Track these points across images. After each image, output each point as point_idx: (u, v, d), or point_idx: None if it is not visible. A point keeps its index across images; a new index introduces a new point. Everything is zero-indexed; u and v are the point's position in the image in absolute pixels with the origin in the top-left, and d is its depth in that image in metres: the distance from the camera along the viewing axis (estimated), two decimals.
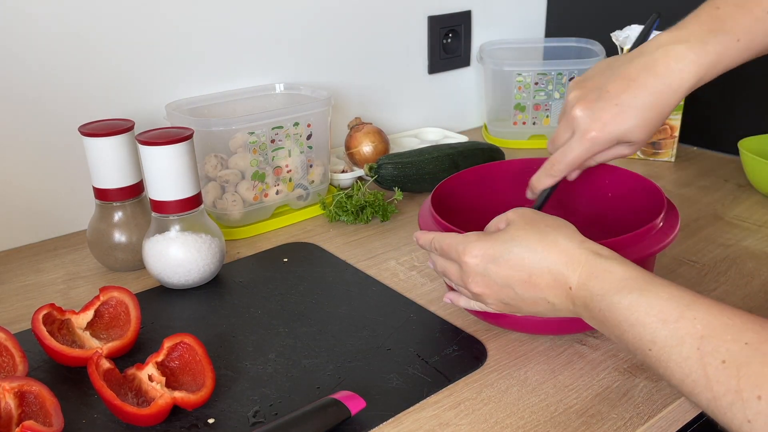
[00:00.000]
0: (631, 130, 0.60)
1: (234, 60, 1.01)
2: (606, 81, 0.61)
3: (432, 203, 0.69)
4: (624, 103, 0.60)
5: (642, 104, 0.59)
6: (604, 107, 0.60)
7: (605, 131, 0.60)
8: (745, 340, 0.41)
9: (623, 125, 0.60)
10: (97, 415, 0.57)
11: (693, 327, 0.44)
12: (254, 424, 0.55)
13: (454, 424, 0.55)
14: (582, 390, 0.59)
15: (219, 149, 0.87)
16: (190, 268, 0.74)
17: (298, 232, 0.91)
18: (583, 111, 0.61)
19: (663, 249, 0.61)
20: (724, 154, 1.16)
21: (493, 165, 0.80)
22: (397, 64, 1.21)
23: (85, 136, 0.75)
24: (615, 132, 0.61)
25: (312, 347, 0.65)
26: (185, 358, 0.60)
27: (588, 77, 0.64)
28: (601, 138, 0.61)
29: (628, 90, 0.59)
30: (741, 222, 0.90)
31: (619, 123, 0.60)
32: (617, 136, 0.61)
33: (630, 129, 0.60)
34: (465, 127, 1.36)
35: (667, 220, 0.64)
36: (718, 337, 0.42)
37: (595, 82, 0.62)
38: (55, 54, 0.85)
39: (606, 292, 0.50)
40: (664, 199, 0.66)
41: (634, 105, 0.59)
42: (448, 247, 0.59)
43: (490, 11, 1.31)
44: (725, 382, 0.41)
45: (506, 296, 0.56)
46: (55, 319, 0.65)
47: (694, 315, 0.44)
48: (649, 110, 0.60)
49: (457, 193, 0.75)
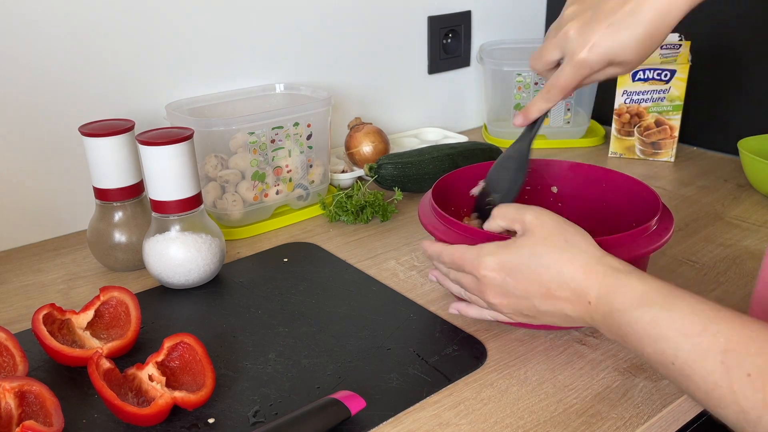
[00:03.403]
0: (621, 53, 0.58)
1: (234, 60, 1.01)
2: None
3: (433, 196, 0.69)
4: (617, 23, 0.57)
5: (635, 25, 0.57)
6: (596, 28, 0.58)
7: (594, 53, 0.58)
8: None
9: (613, 47, 0.58)
10: (97, 415, 0.57)
11: (716, 340, 0.43)
12: (254, 424, 0.55)
13: (453, 424, 0.55)
14: (582, 390, 0.59)
15: (219, 149, 0.87)
16: (190, 268, 0.74)
17: (298, 232, 0.91)
18: (574, 30, 0.59)
19: (655, 251, 0.61)
20: (724, 154, 1.16)
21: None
22: (397, 64, 1.21)
23: (85, 136, 0.75)
24: (604, 54, 0.59)
25: (312, 347, 0.65)
26: (185, 358, 0.60)
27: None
28: (590, 60, 0.59)
29: (622, 9, 0.57)
30: (741, 222, 0.90)
31: (610, 45, 0.58)
32: (607, 58, 0.59)
33: (620, 52, 0.58)
34: (465, 127, 1.36)
35: (661, 223, 0.64)
36: (742, 350, 0.42)
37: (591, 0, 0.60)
38: (55, 54, 0.85)
39: (627, 307, 0.49)
40: (660, 203, 0.66)
41: (627, 25, 0.57)
42: (461, 260, 0.58)
43: (490, 11, 1.31)
44: (752, 396, 0.41)
45: (524, 308, 0.56)
46: (56, 319, 0.65)
47: (716, 328, 0.44)
48: (643, 33, 0.57)
49: (458, 188, 0.76)
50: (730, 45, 1.11)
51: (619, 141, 1.14)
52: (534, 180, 0.78)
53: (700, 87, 1.15)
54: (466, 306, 0.64)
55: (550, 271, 0.54)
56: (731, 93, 1.13)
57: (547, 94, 0.63)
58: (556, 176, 0.79)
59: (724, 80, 1.14)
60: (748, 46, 1.09)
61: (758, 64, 1.09)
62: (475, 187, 0.73)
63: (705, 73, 1.14)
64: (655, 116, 1.10)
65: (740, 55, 1.10)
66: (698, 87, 1.13)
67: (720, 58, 1.13)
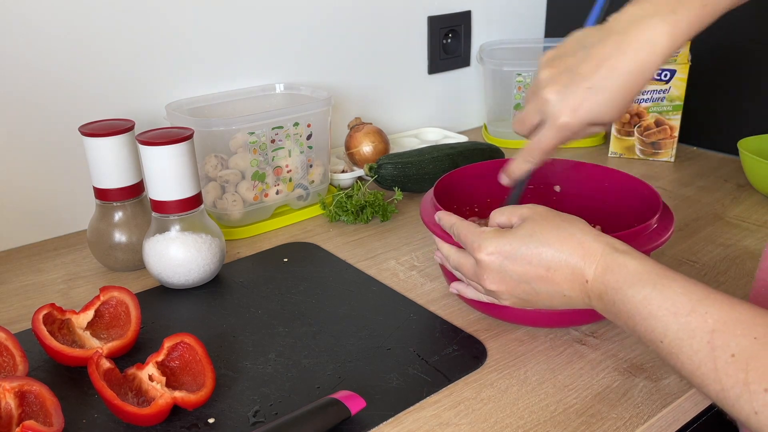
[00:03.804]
0: (602, 114, 0.59)
1: (234, 60, 1.01)
2: (578, 62, 0.59)
3: (435, 194, 0.69)
4: (596, 86, 0.58)
5: (614, 86, 0.58)
6: (575, 91, 0.59)
7: (576, 117, 0.59)
8: (754, 334, 0.42)
9: (594, 109, 0.59)
10: (97, 414, 0.57)
11: (704, 321, 0.45)
12: (254, 424, 0.55)
13: (453, 424, 0.55)
14: (582, 390, 0.59)
15: (219, 149, 0.87)
16: (190, 268, 0.74)
17: (298, 232, 0.91)
18: (554, 95, 0.59)
19: (655, 249, 0.61)
20: (724, 154, 1.16)
21: (497, 162, 0.80)
22: (397, 64, 1.21)
23: (85, 136, 0.75)
24: (586, 117, 0.59)
25: (312, 347, 0.65)
26: (185, 357, 0.60)
27: (559, 55, 0.62)
28: (572, 124, 0.59)
29: (599, 71, 0.58)
30: (741, 222, 0.90)
31: (591, 107, 0.58)
32: (589, 120, 0.59)
33: (601, 112, 0.59)
34: (465, 127, 1.36)
35: (662, 222, 0.64)
36: (729, 331, 0.43)
37: (566, 62, 0.60)
38: (55, 54, 0.85)
39: (621, 285, 0.50)
40: (660, 202, 0.66)
41: (606, 87, 0.58)
42: (465, 237, 0.60)
43: (490, 11, 1.31)
44: (734, 374, 0.42)
45: (522, 292, 0.57)
46: (56, 319, 0.65)
47: (705, 309, 0.45)
48: (622, 92, 0.58)
49: (459, 187, 0.76)
50: (730, 45, 1.11)
51: (619, 141, 1.14)
52: (536, 179, 0.79)
53: (700, 87, 1.15)
54: (465, 286, 0.65)
55: (548, 251, 0.55)
56: (731, 93, 1.13)
57: (528, 156, 0.64)
58: (558, 175, 0.79)
59: (724, 80, 1.14)
60: (748, 46, 1.09)
61: (758, 64, 1.09)
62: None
63: (705, 73, 1.14)
64: (655, 116, 1.10)
65: (740, 55, 1.10)
66: (698, 87, 1.13)
67: (720, 58, 1.13)
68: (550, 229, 0.56)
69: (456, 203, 0.75)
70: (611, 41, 0.58)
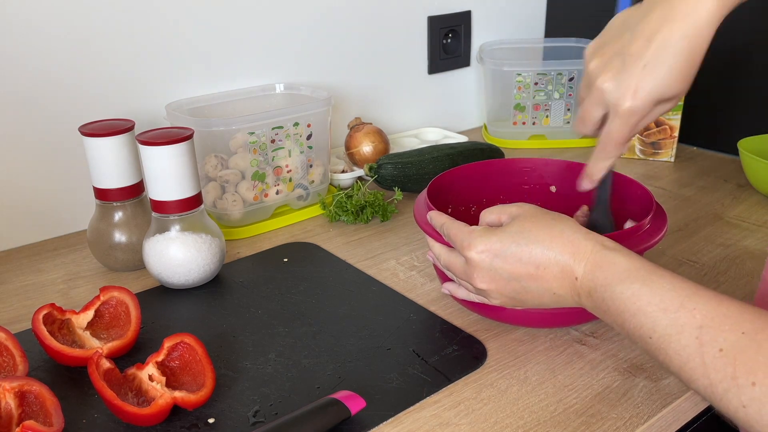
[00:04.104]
0: (666, 88, 0.56)
1: (234, 60, 1.01)
2: (626, 44, 0.56)
3: (428, 195, 0.69)
4: (651, 63, 0.55)
5: (670, 57, 0.55)
6: (632, 73, 0.56)
7: (639, 98, 0.56)
8: (742, 330, 0.43)
9: (656, 86, 0.55)
10: (97, 414, 0.57)
11: (692, 317, 0.45)
12: (254, 424, 0.55)
13: (453, 424, 0.55)
14: (582, 390, 0.59)
15: (219, 149, 0.87)
16: (190, 268, 0.74)
17: (298, 232, 0.91)
18: (610, 82, 0.57)
19: (647, 249, 0.61)
20: (724, 154, 1.16)
21: (492, 163, 0.80)
22: (397, 64, 1.21)
23: (85, 136, 0.75)
24: (649, 96, 0.56)
25: (312, 347, 0.65)
26: (185, 357, 0.60)
27: (605, 42, 0.59)
28: (637, 107, 0.56)
29: (651, 47, 0.55)
30: (741, 222, 0.90)
31: (652, 85, 0.55)
32: (653, 98, 0.56)
33: (664, 87, 0.56)
34: (465, 127, 1.36)
35: (655, 222, 0.64)
36: (717, 327, 0.44)
37: (613, 47, 0.57)
38: (55, 54, 0.85)
39: (610, 282, 0.50)
40: (654, 202, 0.66)
41: (662, 61, 0.55)
42: (454, 236, 0.60)
43: (490, 11, 1.31)
44: (722, 369, 0.42)
45: (511, 290, 0.57)
46: (56, 319, 0.65)
47: (693, 305, 0.45)
48: (680, 61, 0.55)
49: (454, 188, 0.76)
50: (730, 45, 1.11)
51: None
52: (533, 179, 0.79)
53: (700, 87, 1.14)
54: (456, 286, 0.65)
55: (538, 249, 0.55)
56: (731, 93, 1.13)
57: (603, 153, 0.61)
58: (554, 176, 0.79)
59: (724, 80, 1.14)
60: (748, 46, 1.09)
61: (758, 64, 1.09)
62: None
63: (705, 73, 1.13)
64: None
65: (740, 55, 1.10)
66: (698, 87, 1.13)
67: (720, 58, 1.13)
68: (540, 227, 0.56)
69: (452, 203, 0.75)
70: (655, 15, 0.55)
